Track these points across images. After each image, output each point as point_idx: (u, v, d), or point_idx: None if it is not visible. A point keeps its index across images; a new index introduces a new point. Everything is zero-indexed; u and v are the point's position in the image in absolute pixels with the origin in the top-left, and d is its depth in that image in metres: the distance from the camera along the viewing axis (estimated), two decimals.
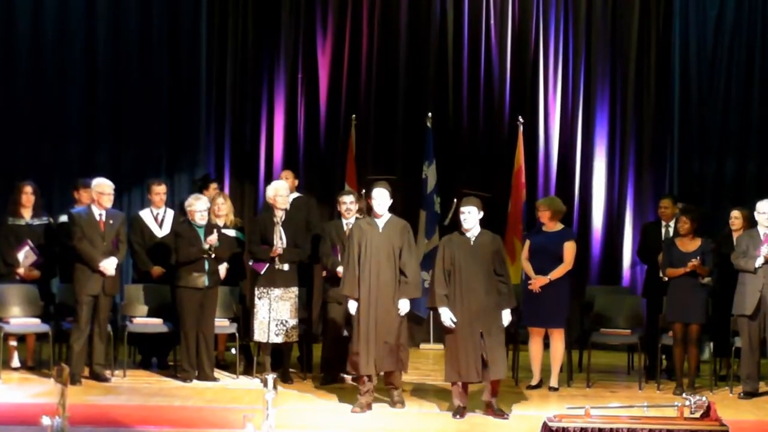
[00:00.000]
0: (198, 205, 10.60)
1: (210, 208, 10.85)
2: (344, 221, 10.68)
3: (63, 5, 13.35)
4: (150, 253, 11.29)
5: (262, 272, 10.53)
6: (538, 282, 10.44)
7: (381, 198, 9.52)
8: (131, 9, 13.43)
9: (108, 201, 10.46)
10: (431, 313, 13.07)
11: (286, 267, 10.56)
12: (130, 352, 11.50)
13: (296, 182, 11.80)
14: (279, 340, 10.54)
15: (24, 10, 13.29)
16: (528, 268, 10.59)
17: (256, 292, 10.57)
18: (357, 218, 10.75)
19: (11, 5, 13.29)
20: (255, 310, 10.56)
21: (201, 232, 10.56)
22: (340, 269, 10.23)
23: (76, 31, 13.37)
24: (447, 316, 9.27)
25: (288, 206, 10.82)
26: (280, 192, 10.65)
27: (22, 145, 13.31)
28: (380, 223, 9.53)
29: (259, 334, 10.53)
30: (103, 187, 10.47)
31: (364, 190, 11.97)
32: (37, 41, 13.33)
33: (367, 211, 10.61)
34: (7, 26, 13.30)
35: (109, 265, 10.36)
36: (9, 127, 13.27)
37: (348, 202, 10.67)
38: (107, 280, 10.38)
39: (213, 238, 10.51)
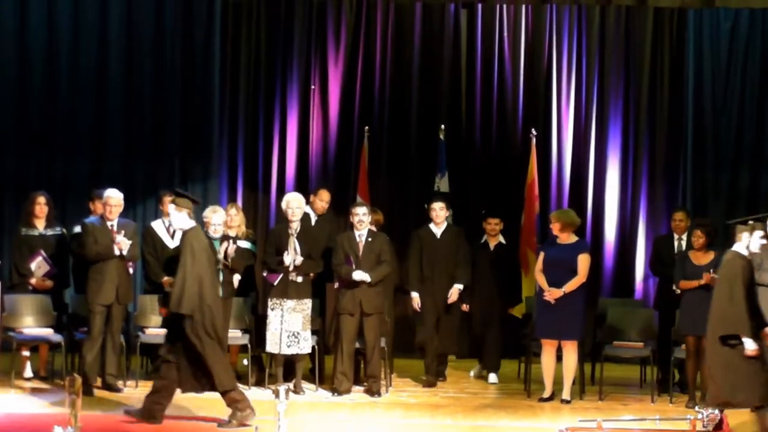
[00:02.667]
0: (215, 218, 10.59)
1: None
2: (357, 233, 10.70)
3: (76, 16, 13.36)
4: (162, 264, 11.29)
5: (276, 283, 10.54)
6: (553, 294, 10.41)
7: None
8: (144, 20, 13.43)
9: (116, 213, 10.48)
10: None
11: (299, 279, 10.57)
12: (142, 362, 11.50)
13: (328, 203, 11.77)
14: (291, 351, 10.54)
15: (37, 21, 13.31)
16: (542, 280, 10.55)
17: (269, 303, 10.58)
18: (370, 230, 10.78)
19: (25, 17, 13.31)
20: (267, 321, 10.57)
21: (216, 244, 10.56)
22: (354, 275, 10.52)
23: (89, 42, 13.36)
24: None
25: (312, 220, 10.97)
26: (291, 204, 10.66)
27: (35, 156, 13.33)
28: None
29: (271, 346, 10.53)
30: (110, 198, 10.49)
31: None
32: (50, 52, 13.34)
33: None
34: (21, 41, 13.31)
35: (124, 243, 10.38)
36: (22, 139, 13.30)
37: (360, 214, 10.69)
38: (120, 289, 10.40)
39: (231, 248, 10.53)
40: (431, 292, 11.32)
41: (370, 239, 10.70)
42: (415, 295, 11.33)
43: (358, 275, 10.51)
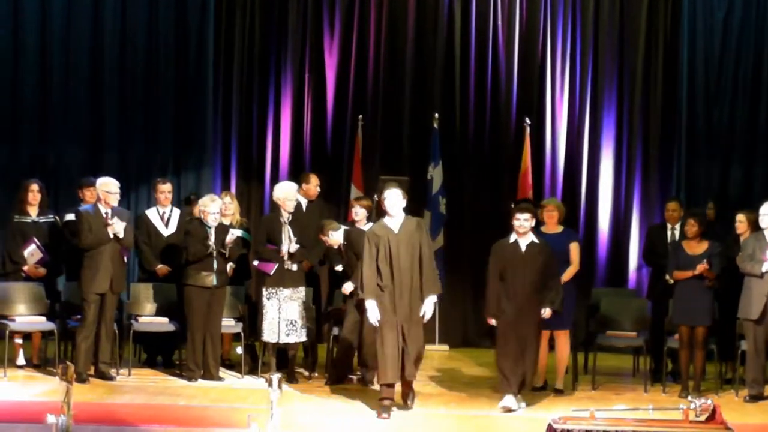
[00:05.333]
0: (212, 207, 10.59)
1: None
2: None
3: (70, 3, 13.34)
4: (156, 252, 11.29)
5: (272, 272, 10.50)
6: None
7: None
8: (138, 8, 13.41)
9: (114, 200, 10.46)
10: (437, 313, 13.10)
11: (294, 267, 10.55)
12: (135, 350, 11.49)
13: (318, 186, 11.80)
14: (290, 340, 10.52)
15: (32, 11, 13.28)
16: None
17: (265, 293, 10.53)
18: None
19: (19, 6, 13.28)
20: (264, 310, 10.51)
21: (211, 232, 10.56)
22: (345, 287, 10.48)
23: (83, 30, 13.36)
24: None
25: (303, 207, 10.91)
26: (290, 196, 10.63)
27: (29, 143, 13.31)
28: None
29: (269, 335, 10.48)
30: (109, 186, 10.46)
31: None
32: (43, 40, 13.31)
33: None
34: (15, 27, 13.28)
35: (118, 225, 10.36)
36: (16, 127, 13.28)
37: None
38: (114, 277, 10.38)
39: (231, 238, 10.51)
40: (392, 302, 9.36)
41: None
42: (371, 305, 9.38)
43: (349, 287, 10.46)
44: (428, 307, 9.40)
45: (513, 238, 9.79)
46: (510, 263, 9.70)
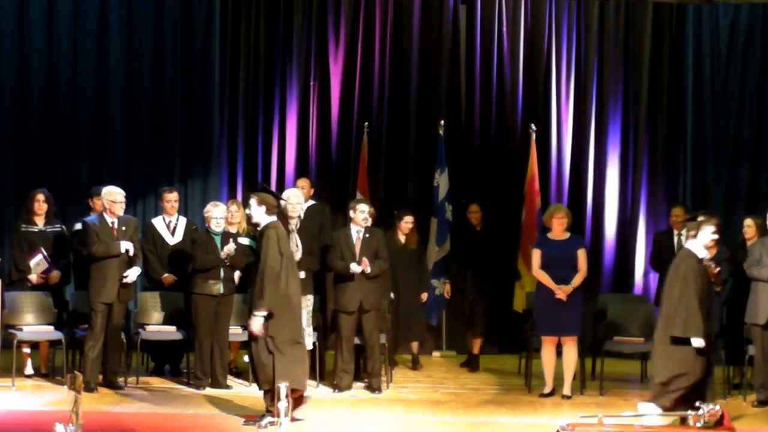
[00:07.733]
0: (216, 212, 10.62)
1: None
2: (354, 228, 10.67)
3: (76, 14, 13.37)
4: (162, 260, 11.30)
5: None
6: (565, 291, 10.36)
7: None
8: (144, 17, 13.44)
9: (119, 209, 10.47)
10: (444, 319, 13.11)
11: (302, 275, 10.54)
12: (143, 359, 11.51)
13: (312, 190, 11.80)
14: None
15: (38, 23, 13.31)
16: (546, 278, 10.51)
17: None
18: (366, 226, 10.72)
19: (25, 15, 13.31)
20: None
21: (218, 240, 10.58)
22: (353, 266, 10.44)
23: (89, 39, 13.38)
24: None
25: (301, 214, 10.85)
26: (291, 200, 10.63)
27: (35, 153, 13.33)
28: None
29: None
30: (113, 195, 10.48)
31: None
32: (50, 49, 13.33)
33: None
34: (22, 37, 13.32)
35: (132, 274, 10.39)
36: (23, 135, 13.30)
37: (366, 212, 10.67)
38: (122, 287, 10.40)
39: (230, 248, 10.52)
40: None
41: (367, 235, 10.68)
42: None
43: (355, 267, 10.47)
44: (253, 322, 9.03)
45: (702, 254, 9.26)
46: (705, 282, 9.26)
